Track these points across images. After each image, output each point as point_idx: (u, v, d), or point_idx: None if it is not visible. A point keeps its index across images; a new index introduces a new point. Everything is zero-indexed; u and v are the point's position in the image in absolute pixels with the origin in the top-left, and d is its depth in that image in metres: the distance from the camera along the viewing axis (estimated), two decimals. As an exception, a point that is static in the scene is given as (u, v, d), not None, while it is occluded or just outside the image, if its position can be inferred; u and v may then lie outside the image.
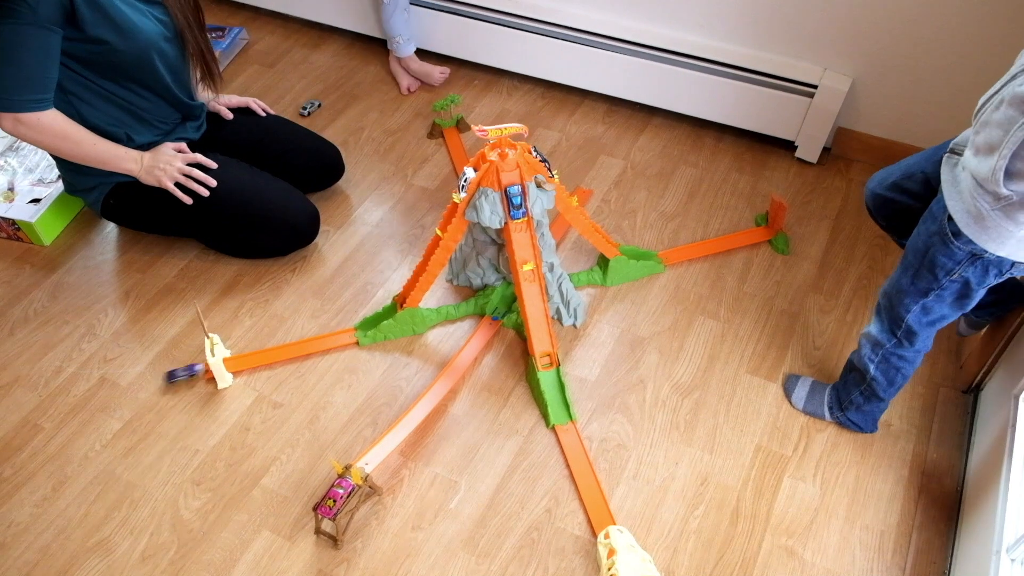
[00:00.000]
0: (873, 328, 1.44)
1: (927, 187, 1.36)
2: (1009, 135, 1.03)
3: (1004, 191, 1.07)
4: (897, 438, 1.60)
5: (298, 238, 1.96)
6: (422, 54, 2.56)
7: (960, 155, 1.20)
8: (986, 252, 1.18)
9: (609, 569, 1.35)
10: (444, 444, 1.62)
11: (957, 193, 1.17)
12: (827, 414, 1.61)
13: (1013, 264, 1.20)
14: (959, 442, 1.59)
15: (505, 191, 1.52)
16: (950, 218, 1.19)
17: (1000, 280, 1.24)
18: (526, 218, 1.56)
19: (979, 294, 1.27)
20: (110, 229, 2.08)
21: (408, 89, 2.45)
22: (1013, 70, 1.09)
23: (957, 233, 1.18)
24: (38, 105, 1.61)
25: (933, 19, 1.84)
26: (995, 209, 1.11)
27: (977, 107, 1.15)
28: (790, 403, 1.65)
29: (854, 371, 1.53)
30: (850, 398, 1.55)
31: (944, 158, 1.24)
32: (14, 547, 1.49)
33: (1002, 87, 1.09)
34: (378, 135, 2.33)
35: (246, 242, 1.94)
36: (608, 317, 1.83)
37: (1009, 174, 1.05)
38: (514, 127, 1.52)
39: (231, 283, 1.94)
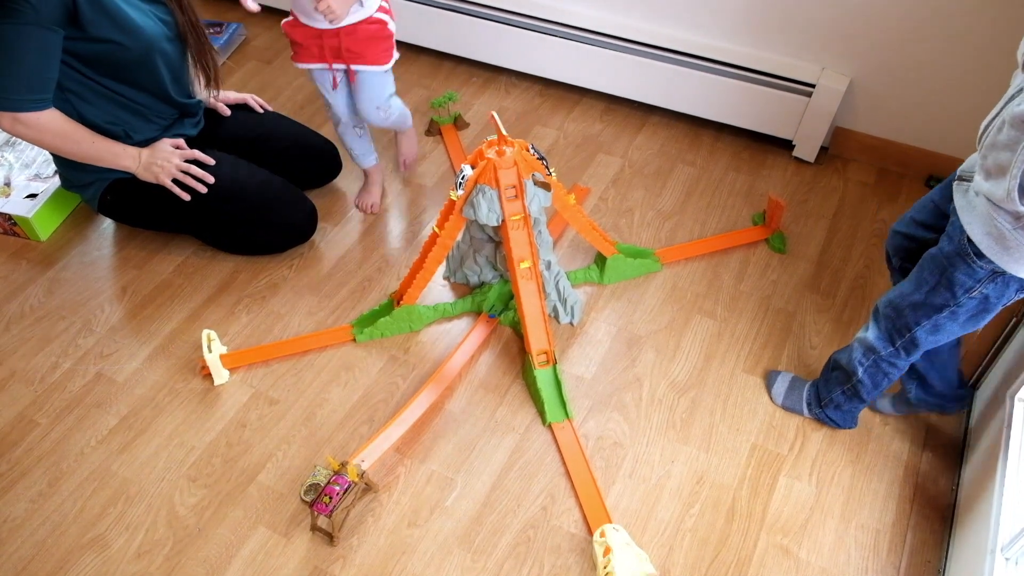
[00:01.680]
0: (870, 335, 1.43)
1: (938, 216, 1.35)
2: (1016, 155, 1.03)
3: (1023, 209, 1.07)
4: (892, 437, 1.61)
5: (295, 235, 1.95)
6: (422, 52, 2.56)
7: (968, 180, 1.19)
8: (1008, 272, 1.17)
9: (605, 567, 1.35)
10: (440, 441, 1.62)
11: (975, 216, 1.17)
12: (805, 410, 1.62)
13: None
14: (954, 442, 1.60)
15: None
16: (970, 240, 1.18)
17: (1022, 296, 1.23)
18: (523, 216, 1.56)
19: (996, 310, 1.26)
20: (107, 225, 2.08)
21: (371, 208, 2.09)
22: (1010, 91, 1.09)
23: (979, 254, 1.18)
24: (37, 105, 1.60)
25: (931, 19, 1.84)
26: (1017, 229, 1.10)
27: (980, 131, 1.15)
28: (769, 397, 1.66)
29: (838, 370, 1.53)
30: (830, 396, 1.56)
31: (954, 185, 1.24)
32: (9, 543, 1.49)
33: (1001, 109, 1.10)
34: (375, 132, 2.32)
35: (243, 239, 1.93)
36: (605, 315, 1.83)
37: (1023, 191, 1.05)
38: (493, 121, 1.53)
39: (228, 280, 1.93)
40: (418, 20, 2.45)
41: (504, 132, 1.50)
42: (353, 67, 1.75)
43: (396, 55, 1.80)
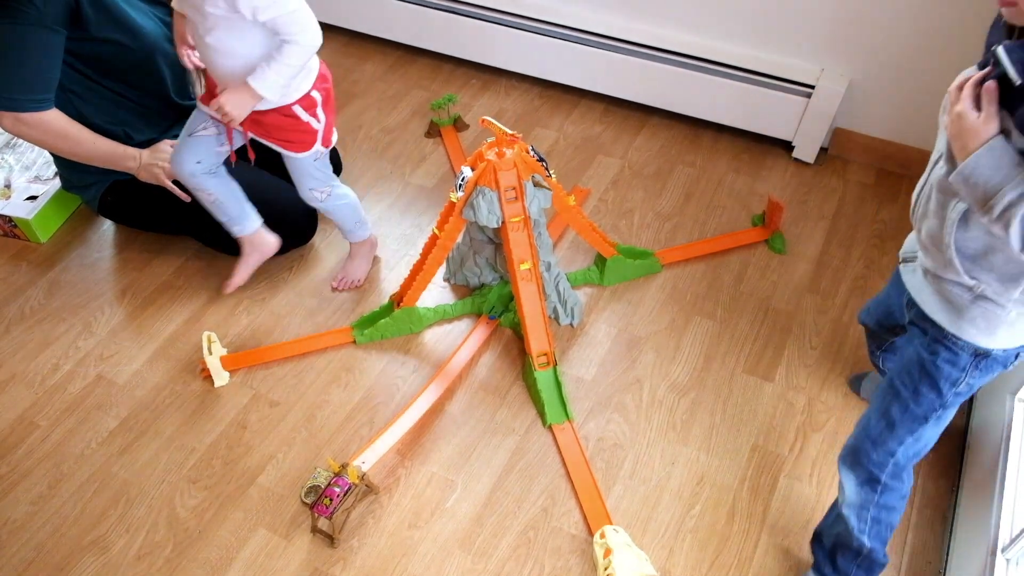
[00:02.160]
0: (849, 494, 1.25)
1: (892, 317, 1.30)
2: (946, 221, 0.99)
3: (968, 280, 1.01)
4: (893, 438, 1.61)
5: (296, 236, 1.95)
6: (422, 53, 2.56)
7: (912, 261, 1.14)
8: (992, 350, 1.07)
9: (606, 569, 1.35)
10: (441, 443, 1.62)
11: (930, 296, 1.10)
12: None
13: (1018, 354, 1.09)
14: (955, 442, 1.60)
15: None
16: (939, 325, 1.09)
17: (1005, 370, 1.13)
18: (523, 218, 1.56)
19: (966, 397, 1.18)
20: (107, 226, 2.08)
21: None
22: (933, 157, 1.05)
23: (957, 335, 1.08)
24: (39, 105, 1.61)
25: (930, 19, 1.84)
26: (975, 300, 1.02)
27: (912, 205, 1.10)
28: None
29: (841, 548, 1.31)
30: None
31: (900, 269, 1.18)
32: (10, 544, 1.48)
33: (927, 179, 1.06)
34: (376, 133, 2.33)
35: (243, 240, 1.93)
36: (605, 316, 1.84)
37: (964, 256, 1.00)
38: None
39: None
40: (418, 22, 2.45)
41: (506, 129, 1.50)
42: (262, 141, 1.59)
43: (323, 148, 1.60)
